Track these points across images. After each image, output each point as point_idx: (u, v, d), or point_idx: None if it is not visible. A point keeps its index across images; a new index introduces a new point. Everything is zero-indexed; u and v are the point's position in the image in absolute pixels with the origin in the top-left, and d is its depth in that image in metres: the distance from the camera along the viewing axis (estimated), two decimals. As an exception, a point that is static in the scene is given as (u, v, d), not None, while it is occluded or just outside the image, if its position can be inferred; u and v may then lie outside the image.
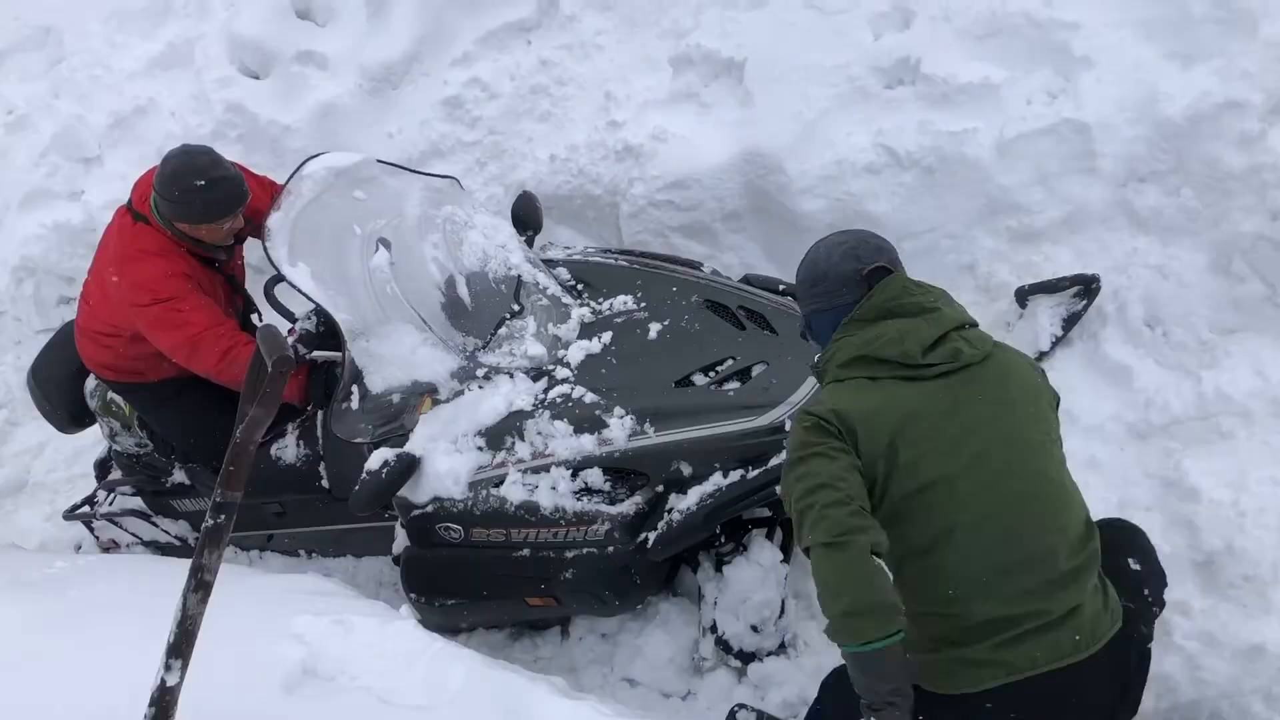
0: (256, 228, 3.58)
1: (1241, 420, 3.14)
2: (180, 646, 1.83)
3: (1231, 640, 2.63)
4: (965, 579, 2.10)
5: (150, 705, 1.84)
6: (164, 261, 3.30)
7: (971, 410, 2.14)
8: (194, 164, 3.20)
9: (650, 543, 2.93)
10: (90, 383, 3.84)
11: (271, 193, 3.67)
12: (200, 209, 3.23)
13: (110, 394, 3.76)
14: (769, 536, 3.21)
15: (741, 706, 3.00)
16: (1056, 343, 3.55)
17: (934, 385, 2.15)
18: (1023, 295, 3.64)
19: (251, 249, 3.78)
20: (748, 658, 3.13)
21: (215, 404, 3.52)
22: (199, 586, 1.83)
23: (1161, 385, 3.30)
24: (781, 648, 3.16)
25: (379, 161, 3.43)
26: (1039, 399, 2.27)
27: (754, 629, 3.08)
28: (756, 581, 3.07)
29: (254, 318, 3.88)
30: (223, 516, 1.83)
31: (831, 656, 2.89)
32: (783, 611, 3.13)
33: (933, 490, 2.11)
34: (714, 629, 3.14)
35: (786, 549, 3.27)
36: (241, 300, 3.75)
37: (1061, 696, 2.11)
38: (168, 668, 1.83)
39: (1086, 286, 3.54)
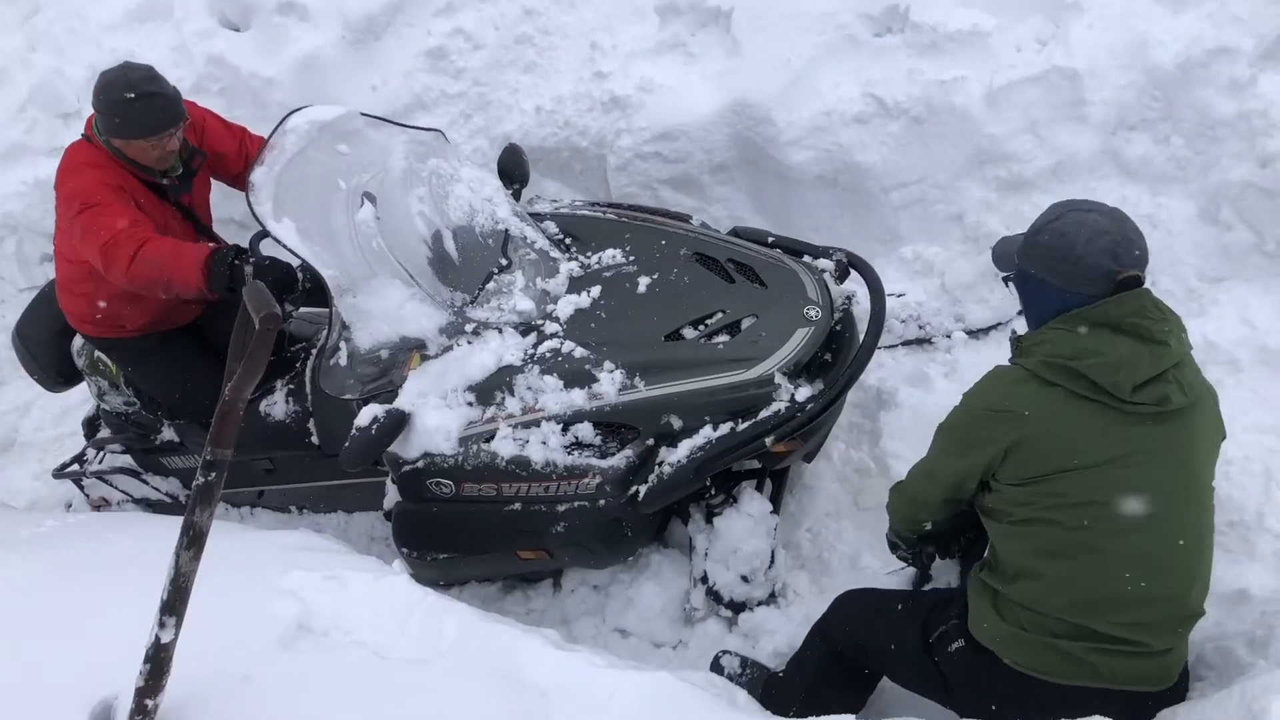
0: (219, 167, 3.55)
1: (1229, 368, 3.16)
2: (174, 603, 1.84)
3: (1216, 585, 2.64)
4: (1098, 597, 2.19)
5: (145, 661, 1.85)
6: (98, 172, 3.23)
7: (1160, 460, 2.17)
8: (127, 77, 3.15)
9: (641, 495, 2.94)
10: (77, 341, 3.82)
11: (241, 138, 3.63)
12: (130, 123, 3.17)
13: (97, 352, 3.74)
14: (759, 488, 3.23)
15: (725, 652, 3.05)
16: (1045, 292, 3.55)
17: (1131, 421, 2.16)
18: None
19: (233, 204, 3.75)
20: (738, 607, 3.16)
21: (199, 358, 3.51)
22: (191, 543, 1.83)
23: (1149, 334, 3.31)
24: (771, 597, 3.20)
25: (363, 114, 3.39)
26: (1217, 446, 2.33)
27: (744, 579, 3.11)
28: (746, 532, 3.09)
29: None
30: (213, 474, 1.82)
31: (819, 607, 2.92)
32: (772, 562, 3.15)
33: (1094, 509, 2.18)
34: (705, 580, 3.17)
35: (776, 500, 3.30)
36: (207, 242, 3.68)
37: (1117, 711, 2.18)
38: (162, 625, 1.83)
39: (1075, 236, 3.53)
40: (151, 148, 3.25)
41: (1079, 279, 2.20)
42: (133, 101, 3.13)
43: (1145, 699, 2.23)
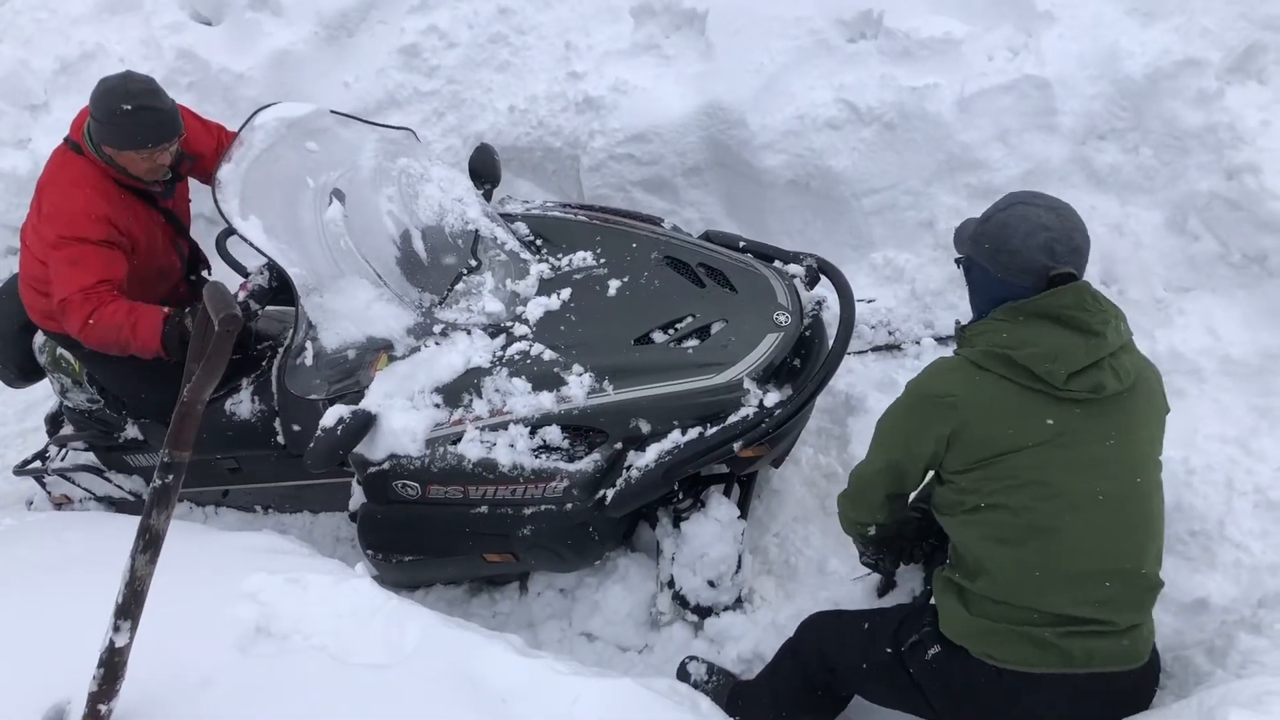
0: (196, 167, 3.52)
1: (1192, 378, 3.19)
2: (129, 607, 1.81)
3: (1177, 594, 2.68)
4: (1057, 578, 2.22)
5: (99, 666, 1.83)
6: (86, 196, 3.21)
7: (1095, 445, 2.22)
8: (127, 88, 3.12)
9: (609, 500, 2.93)
10: (39, 338, 3.76)
11: (219, 137, 3.60)
12: (124, 134, 3.15)
13: (60, 349, 3.69)
14: (726, 493, 3.23)
15: (692, 658, 3.05)
16: (1013, 300, 3.57)
17: (1067, 406, 2.21)
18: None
19: (202, 200, 3.71)
20: (704, 612, 3.16)
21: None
22: (147, 547, 1.81)
23: (1115, 343, 3.33)
24: (738, 602, 3.19)
25: (333, 112, 3.36)
26: (1159, 421, 2.36)
27: (711, 584, 3.11)
28: (714, 537, 3.09)
29: (204, 273, 3.81)
30: (170, 476, 1.80)
31: (786, 612, 2.92)
32: (739, 567, 3.15)
33: (1037, 489, 2.22)
34: (671, 584, 3.16)
35: (744, 505, 3.30)
36: (187, 245, 3.66)
37: (1095, 697, 2.24)
38: (116, 628, 1.81)
39: (1044, 244, 3.55)
40: (142, 160, 3.23)
41: (1015, 270, 2.26)
42: (129, 114, 3.10)
43: (1119, 680, 2.25)
